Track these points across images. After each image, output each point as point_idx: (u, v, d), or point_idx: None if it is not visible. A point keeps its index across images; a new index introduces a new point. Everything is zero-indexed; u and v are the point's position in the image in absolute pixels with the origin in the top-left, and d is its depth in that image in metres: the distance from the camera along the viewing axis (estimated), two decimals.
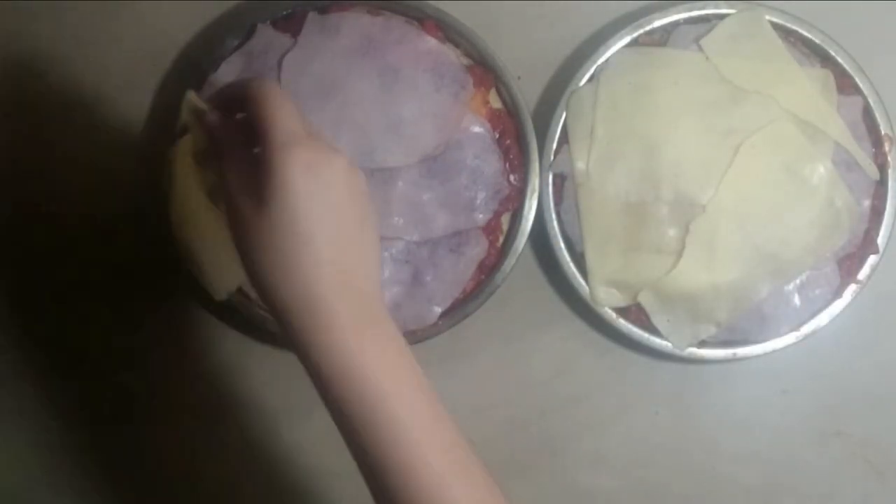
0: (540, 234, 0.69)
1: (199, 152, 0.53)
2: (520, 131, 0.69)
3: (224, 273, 0.67)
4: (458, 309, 0.68)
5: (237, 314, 0.69)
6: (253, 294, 0.68)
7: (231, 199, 0.48)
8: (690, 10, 0.69)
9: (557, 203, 0.69)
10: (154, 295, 0.76)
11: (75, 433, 0.76)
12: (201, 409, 0.75)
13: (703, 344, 0.69)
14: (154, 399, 0.75)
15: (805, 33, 0.69)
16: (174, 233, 0.68)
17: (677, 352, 0.68)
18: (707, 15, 0.69)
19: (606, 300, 0.68)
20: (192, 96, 0.52)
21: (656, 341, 0.69)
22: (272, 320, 0.68)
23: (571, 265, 0.69)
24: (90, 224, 0.76)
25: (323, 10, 0.68)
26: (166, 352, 0.75)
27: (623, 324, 0.69)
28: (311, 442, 0.75)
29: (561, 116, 0.69)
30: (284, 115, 0.48)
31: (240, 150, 0.49)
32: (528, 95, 0.71)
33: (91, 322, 0.76)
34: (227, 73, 0.68)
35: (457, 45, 0.69)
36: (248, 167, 0.48)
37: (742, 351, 0.68)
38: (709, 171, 0.65)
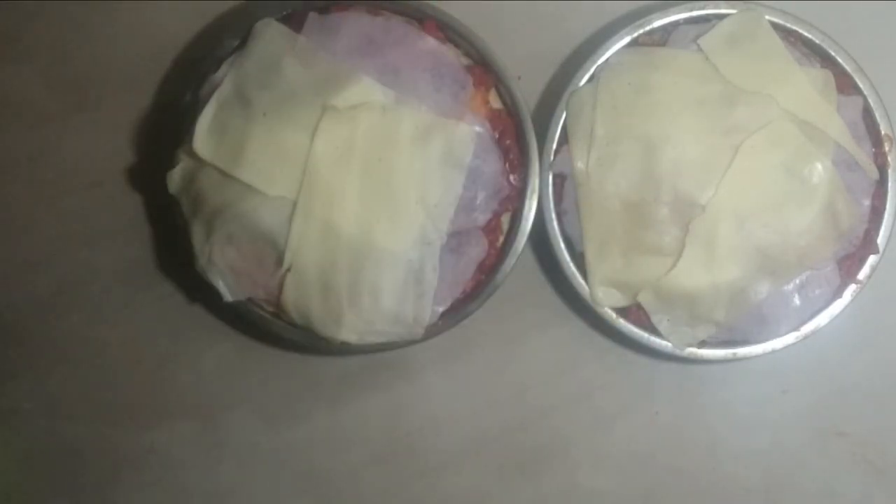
0: (540, 234, 0.69)
1: None
2: (520, 131, 0.69)
3: (240, 279, 0.67)
4: (458, 309, 0.68)
5: (238, 314, 0.69)
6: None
7: None
8: (690, 10, 0.69)
9: (557, 203, 0.69)
10: (155, 295, 0.76)
11: (75, 433, 0.76)
12: (201, 409, 0.75)
13: (703, 344, 0.69)
14: (154, 399, 0.76)
15: (805, 33, 0.69)
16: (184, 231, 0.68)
17: (677, 352, 0.68)
18: (707, 15, 0.69)
19: (606, 300, 0.68)
20: None
21: (656, 341, 0.69)
22: (273, 321, 0.69)
23: (571, 265, 0.69)
24: (92, 223, 0.76)
25: (323, 10, 0.68)
26: (166, 351, 0.76)
27: (623, 324, 0.69)
28: (311, 442, 0.75)
29: (561, 116, 0.69)
30: None
31: None
32: (528, 95, 0.71)
33: (92, 321, 0.76)
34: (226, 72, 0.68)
35: (457, 45, 0.69)
36: None
37: (742, 351, 0.68)
38: (709, 171, 0.65)
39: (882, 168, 0.68)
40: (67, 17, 0.76)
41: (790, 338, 0.68)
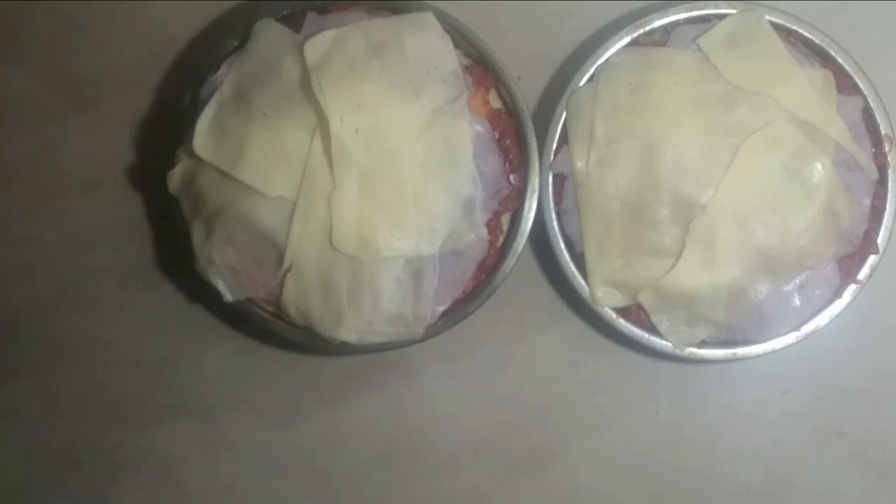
0: (540, 234, 0.69)
1: None
2: (520, 131, 0.69)
3: (240, 279, 0.67)
4: (458, 309, 0.68)
5: (238, 314, 0.69)
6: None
7: None
8: (690, 10, 0.69)
9: (557, 203, 0.69)
10: (155, 295, 0.76)
11: (75, 433, 0.76)
12: (201, 409, 0.75)
13: (703, 344, 0.69)
14: (154, 399, 0.76)
15: (805, 33, 0.69)
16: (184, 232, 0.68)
17: (677, 352, 0.68)
18: (707, 15, 0.69)
19: (606, 300, 0.68)
20: None
21: (656, 341, 0.69)
22: (273, 321, 0.69)
23: (571, 265, 0.69)
24: (92, 223, 0.76)
25: (322, 11, 0.68)
26: (166, 351, 0.76)
27: (623, 324, 0.69)
28: (311, 442, 0.75)
29: (561, 116, 0.69)
30: None
31: None
32: (528, 95, 0.71)
33: (92, 321, 0.76)
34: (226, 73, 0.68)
35: (457, 45, 0.69)
36: None
37: (742, 351, 0.68)
38: (709, 171, 0.65)
39: (882, 168, 0.68)
40: (67, 17, 0.76)
41: (790, 338, 0.68)
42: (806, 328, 0.68)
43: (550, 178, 0.69)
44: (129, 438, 0.75)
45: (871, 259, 0.68)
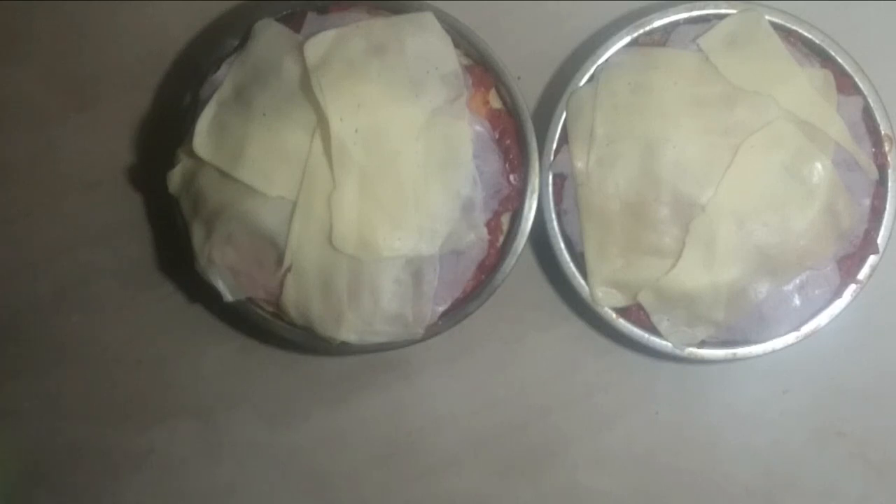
0: (540, 234, 0.69)
1: None
2: (520, 131, 0.69)
3: (240, 279, 0.67)
4: (458, 309, 0.68)
5: (238, 314, 0.69)
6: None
7: None
8: (690, 10, 0.69)
9: (557, 203, 0.69)
10: (155, 295, 0.76)
11: (75, 433, 0.76)
12: (201, 409, 0.75)
13: (703, 344, 0.69)
14: (154, 399, 0.76)
15: (805, 33, 0.69)
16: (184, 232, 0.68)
17: (677, 352, 0.68)
18: (707, 15, 0.69)
19: (606, 300, 0.68)
20: None
21: (656, 341, 0.69)
22: (273, 321, 0.69)
23: (571, 265, 0.69)
24: (92, 223, 0.76)
25: (322, 11, 0.68)
26: (166, 351, 0.76)
27: (623, 324, 0.69)
28: (311, 442, 0.75)
29: (561, 116, 0.69)
30: None
31: None
32: (528, 95, 0.71)
33: (92, 321, 0.76)
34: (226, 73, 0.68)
35: (457, 45, 0.69)
36: None
37: (742, 351, 0.68)
38: (709, 171, 0.65)
39: (882, 168, 0.68)
40: (67, 17, 0.76)
41: (790, 338, 0.68)
42: (806, 328, 0.68)
43: (550, 178, 0.69)
44: (129, 438, 0.75)
45: (871, 259, 0.68)
